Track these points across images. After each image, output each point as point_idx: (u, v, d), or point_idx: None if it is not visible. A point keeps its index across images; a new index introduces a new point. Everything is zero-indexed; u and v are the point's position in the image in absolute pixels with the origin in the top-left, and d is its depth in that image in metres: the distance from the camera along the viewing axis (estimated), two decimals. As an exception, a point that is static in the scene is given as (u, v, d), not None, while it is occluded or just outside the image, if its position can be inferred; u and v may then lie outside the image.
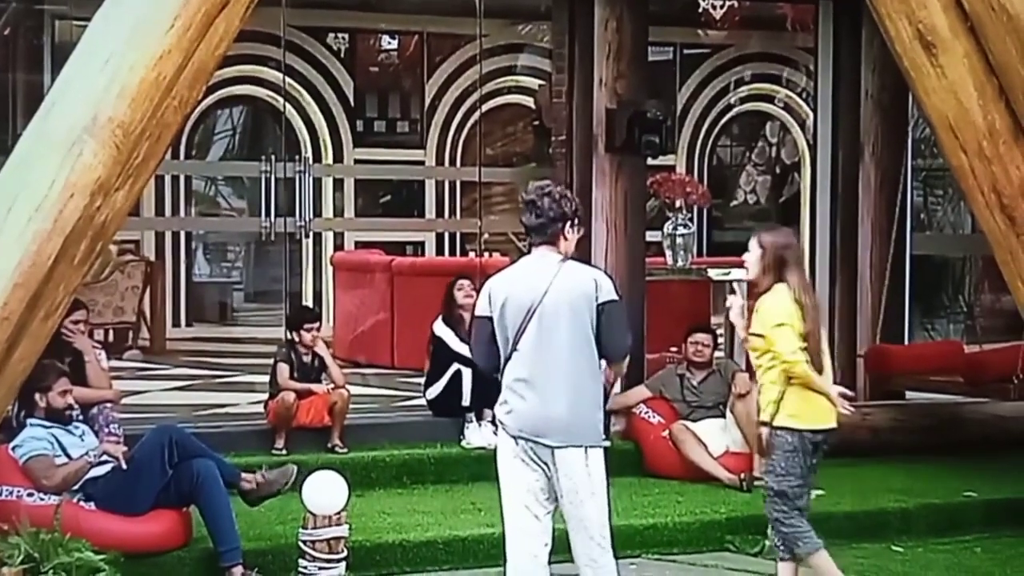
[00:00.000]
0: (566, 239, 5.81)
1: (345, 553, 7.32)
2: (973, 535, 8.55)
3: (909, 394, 10.90)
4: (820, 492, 8.44)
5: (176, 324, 15.19)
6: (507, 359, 5.76)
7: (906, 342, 11.28)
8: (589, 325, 5.69)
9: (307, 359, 9.17)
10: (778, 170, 18.06)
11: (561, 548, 5.88)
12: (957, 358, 10.60)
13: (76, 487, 7.11)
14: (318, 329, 9.25)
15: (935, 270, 14.44)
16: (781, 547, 6.65)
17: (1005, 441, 9.93)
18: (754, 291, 6.75)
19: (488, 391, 9.34)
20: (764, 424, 6.59)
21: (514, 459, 5.80)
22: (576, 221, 5.82)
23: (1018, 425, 10.10)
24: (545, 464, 5.75)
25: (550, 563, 5.85)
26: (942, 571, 7.86)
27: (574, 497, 5.74)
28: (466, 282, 9.68)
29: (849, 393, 6.60)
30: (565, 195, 5.86)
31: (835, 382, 6.66)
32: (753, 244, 6.62)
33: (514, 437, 5.77)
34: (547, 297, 5.67)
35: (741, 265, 6.84)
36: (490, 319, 5.79)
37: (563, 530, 5.84)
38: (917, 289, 11.62)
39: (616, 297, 5.77)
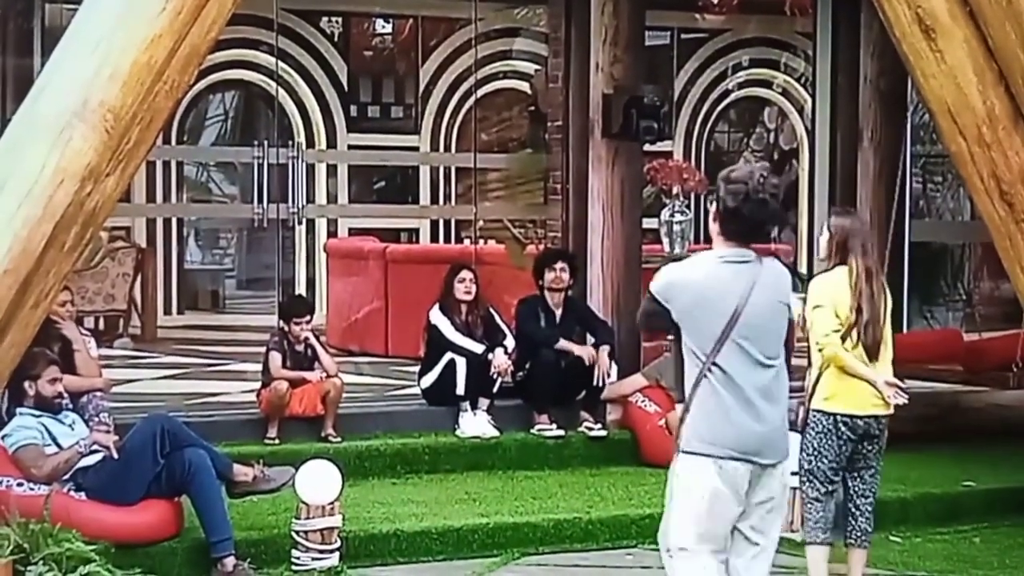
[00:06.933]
0: None
1: (338, 543, 7.30)
2: (971, 525, 8.53)
3: (907, 382, 10.80)
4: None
5: (168, 312, 15.08)
6: None
7: (904, 330, 11.22)
8: None
9: (300, 348, 9.08)
10: (776, 156, 17.96)
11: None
12: (956, 346, 10.59)
13: (66, 477, 7.04)
14: (308, 322, 9.12)
15: (934, 257, 14.38)
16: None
17: (1004, 430, 9.89)
18: None
19: (482, 380, 9.37)
20: (802, 404, 6.61)
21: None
22: None
23: (1017, 414, 10.06)
24: None
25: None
26: (940, 561, 7.82)
27: None
28: (468, 274, 9.56)
29: (900, 384, 6.54)
30: None
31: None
32: (824, 227, 6.71)
33: None
34: None
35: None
36: None
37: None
38: (915, 276, 11.58)
39: None
